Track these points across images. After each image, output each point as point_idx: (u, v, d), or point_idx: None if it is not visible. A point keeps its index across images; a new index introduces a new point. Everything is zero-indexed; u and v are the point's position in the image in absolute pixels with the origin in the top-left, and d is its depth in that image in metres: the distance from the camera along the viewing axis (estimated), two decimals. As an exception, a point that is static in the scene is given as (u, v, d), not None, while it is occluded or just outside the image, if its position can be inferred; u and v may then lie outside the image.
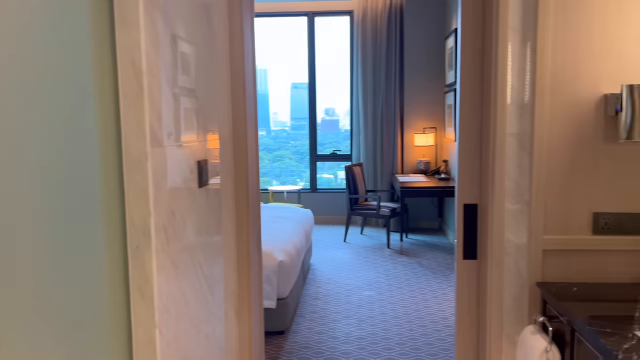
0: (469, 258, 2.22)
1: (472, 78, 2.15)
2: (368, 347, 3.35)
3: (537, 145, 1.96)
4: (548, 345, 1.75)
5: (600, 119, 1.95)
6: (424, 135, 7.10)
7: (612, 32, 1.90)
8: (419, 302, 4.21)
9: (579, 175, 1.99)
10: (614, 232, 1.98)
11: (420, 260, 5.52)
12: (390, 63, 7.10)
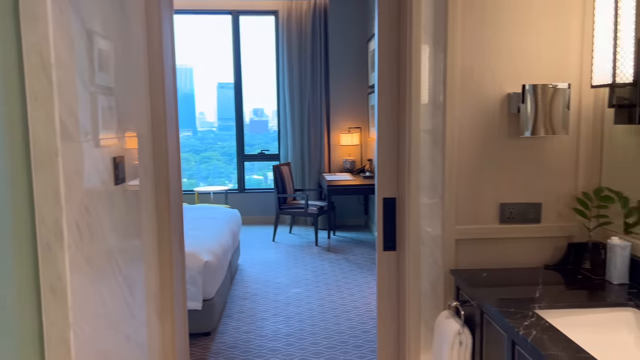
0: (389, 249, 2.32)
1: (389, 78, 2.25)
2: (296, 343, 3.39)
3: (448, 141, 2.08)
4: (461, 328, 1.87)
5: (504, 116, 2.11)
6: (349, 135, 7.26)
7: (514, 36, 2.06)
8: (345, 297, 4.31)
9: (486, 169, 2.13)
10: (518, 221, 2.14)
11: (347, 256, 5.65)
12: (316, 64, 7.20)
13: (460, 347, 1.86)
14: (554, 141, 2.12)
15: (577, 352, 1.32)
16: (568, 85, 2.03)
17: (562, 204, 2.14)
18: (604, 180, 2.11)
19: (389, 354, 2.34)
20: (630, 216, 1.95)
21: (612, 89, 1.89)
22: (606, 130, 2.08)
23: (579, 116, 2.10)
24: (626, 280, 1.86)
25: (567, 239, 2.14)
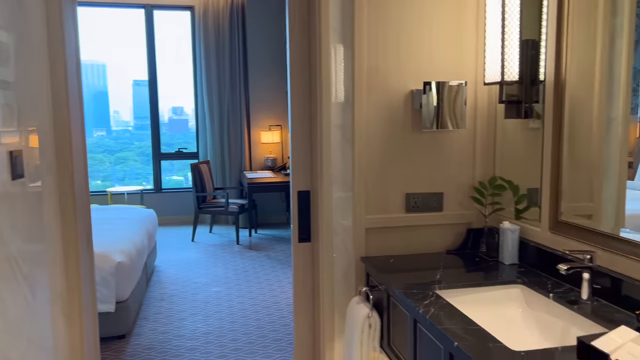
0: (303, 241, 2.38)
1: (300, 76, 2.30)
2: (215, 341, 3.37)
3: (357, 136, 2.18)
4: (370, 312, 1.96)
5: (408, 111, 2.24)
6: (270, 132, 7.28)
7: (416, 35, 2.19)
8: (265, 293, 4.33)
9: (393, 162, 2.25)
10: (422, 210, 2.28)
11: (268, 254, 5.67)
12: (234, 61, 7.14)
13: (369, 330, 1.96)
14: (454, 135, 2.27)
15: (469, 324, 1.44)
16: (465, 82, 2.19)
17: (462, 193, 2.30)
18: (497, 171, 2.29)
19: (305, 342, 2.41)
20: (520, 203, 2.14)
21: (501, 86, 2.06)
22: (499, 124, 2.27)
23: (475, 111, 2.27)
24: (516, 260, 2.04)
25: (466, 226, 2.30)
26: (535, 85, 2.00)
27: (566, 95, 1.86)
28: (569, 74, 1.84)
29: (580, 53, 1.82)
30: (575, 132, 1.85)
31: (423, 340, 1.59)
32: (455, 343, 1.32)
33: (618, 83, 1.75)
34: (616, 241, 1.61)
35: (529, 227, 2.03)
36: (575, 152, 1.85)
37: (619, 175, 1.75)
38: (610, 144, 1.76)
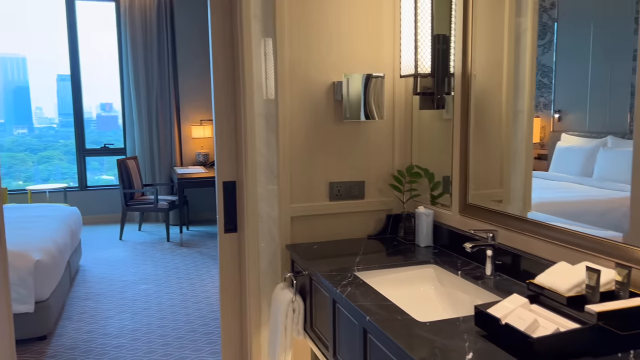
0: (230, 231, 2.40)
1: (223, 64, 2.31)
2: (142, 338, 3.31)
3: (281, 125, 2.22)
4: (293, 297, 2.02)
5: (330, 102, 2.30)
6: (201, 127, 7.17)
7: (334, 29, 2.26)
8: (197, 289, 4.29)
9: (317, 151, 2.31)
10: (345, 197, 2.36)
11: (200, 250, 5.60)
12: (163, 54, 6.97)
13: (293, 315, 2.01)
14: (374, 125, 2.37)
15: (382, 301, 1.52)
16: (383, 75, 2.29)
17: (382, 181, 2.41)
18: (415, 159, 2.41)
19: (232, 331, 2.43)
20: (435, 189, 2.27)
21: (415, 79, 2.17)
22: (415, 115, 2.39)
23: (394, 103, 2.38)
24: (431, 243, 2.16)
25: (386, 212, 2.41)
26: (447, 78, 2.12)
27: (476, 88, 1.99)
28: (480, 69, 1.97)
29: (488, 49, 1.95)
30: (486, 123, 1.98)
31: (341, 319, 1.66)
32: (367, 317, 1.40)
33: (523, 78, 1.89)
34: (518, 221, 1.75)
35: (442, 212, 2.16)
36: (486, 141, 1.99)
37: (526, 164, 1.90)
38: (518, 134, 1.90)
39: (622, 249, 1.32)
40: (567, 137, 1.86)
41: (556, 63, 1.81)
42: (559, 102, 1.85)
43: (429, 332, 1.29)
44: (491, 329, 1.24)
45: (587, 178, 1.77)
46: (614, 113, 1.57)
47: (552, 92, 1.88)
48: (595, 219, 1.52)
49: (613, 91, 1.56)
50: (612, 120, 1.60)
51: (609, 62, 1.57)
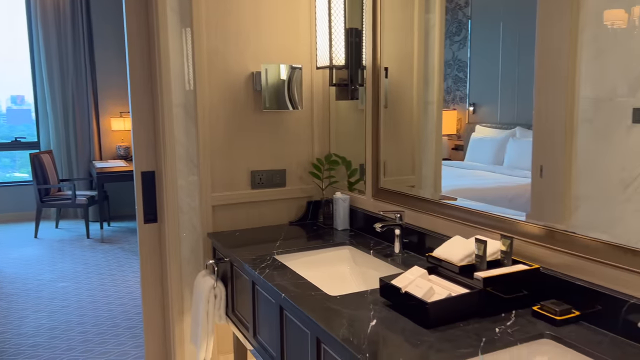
0: (150, 222, 2.39)
1: (139, 54, 2.29)
2: (61, 335, 3.20)
3: (200, 114, 2.24)
4: (215, 283, 2.06)
5: (250, 92, 2.35)
6: (121, 119, 6.92)
7: (252, 21, 2.30)
8: (119, 285, 4.19)
9: (238, 140, 2.35)
10: (267, 185, 2.42)
11: (122, 246, 5.44)
12: (78, 44, 6.64)
13: (215, 300, 2.05)
14: (293, 115, 2.44)
15: (298, 280, 1.61)
16: (301, 66, 2.36)
17: (302, 169, 2.49)
18: (332, 148, 2.52)
19: (154, 320, 2.42)
20: (352, 176, 2.38)
21: (331, 70, 2.27)
22: (332, 105, 2.49)
23: (312, 93, 2.46)
24: (347, 226, 2.28)
25: (307, 199, 2.50)
26: (361, 70, 2.23)
27: (390, 80, 2.10)
28: (392, 62, 2.08)
29: (400, 43, 2.07)
30: (399, 113, 2.11)
31: (260, 299, 1.72)
32: (283, 295, 1.47)
33: (433, 71, 2.03)
34: (424, 202, 1.89)
35: (357, 197, 2.27)
36: (399, 131, 2.11)
37: (436, 152, 2.04)
38: (428, 125, 2.03)
39: (513, 223, 1.48)
40: (480, 129, 2.01)
41: (470, 59, 1.93)
42: (474, 96, 1.99)
43: (339, 305, 1.38)
44: (394, 298, 1.36)
45: (498, 166, 1.92)
46: (522, 106, 1.70)
47: (467, 86, 2.01)
48: (505, 203, 1.65)
49: (520, 86, 1.68)
50: (520, 112, 1.74)
51: (516, 59, 1.70)
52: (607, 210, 1.23)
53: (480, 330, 1.20)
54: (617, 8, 1.20)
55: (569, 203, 1.33)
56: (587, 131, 1.29)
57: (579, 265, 1.27)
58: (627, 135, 1.19)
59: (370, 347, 1.13)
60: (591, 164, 1.27)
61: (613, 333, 1.17)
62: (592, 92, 1.27)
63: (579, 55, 1.29)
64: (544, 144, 1.41)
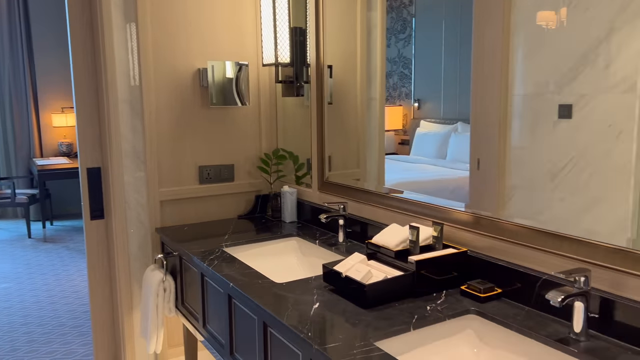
0: (96, 218, 2.38)
1: (83, 49, 2.28)
2: (4, 337, 3.11)
3: (146, 110, 2.25)
4: (164, 277, 2.09)
5: (196, 88, 2.38)
6: (63, 115, 6.70)
7: (198, 18, 2.33)
8: (64, 284, 4.09)
9: (185, 136, 2.38)
10: (215, 180, 2.46)
11: (67, 245, 5.30)
12: (15, 37, 6.37)
13: (164, 294, 2.09)
14: (240, 111, 2.49)
15: (246, 270, 1.67)
16: (247, 63, 2.42)
17: (250, 164, 2.55)
18: (280, 143, 2.59)
19: (103, 317, 2.42)
20: (300, 170, 2.46)
21: (277, 68, 2.34)
22: (279, 102, 2.56)
23: (259, 90, 2.52)
24: (295, 218, 2.36)
25: (255, 193, 2.56)
26: (306, 67, 2.31)
27: (335, 77, 2.18)
28: (335, 59, 2.16)
29: (343, 41, 2.14)
30: (343, 109, 2.19)
31: (209, 290, 1.78)
32: (231, 284, 1.53)
33: (375, 68, 2.11)
34: (367, 194, 1.99)
35: (304, 190, 2.36)
36: (344, 126, 2.19)
37: (379, 146, 2.13)
38: (371, 121, 2.12)
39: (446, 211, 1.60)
40: (425, 124, 2.10)
41: (415, 56, 2.02)
42: (418, 92, 2.08)
43: (285, 291, 1.46)
44: (336, 283, 1.45)
45: (441, 160, 2.00)
46: (463, 102, 1.76)
47: (412, 82, 2.09)
48: (447, 195, 1.74)
49: (461, 83, 1.75)
50: (461, 108, 1.81)
51: (457, 57, 1.77)
52: (537, 199, 1.34)
53: (413, 308, 1.31)
54: (547, 10, 1.30)
55: (503, 193, 1.44)
56: (518, 126, 1.39)
57: (501, 248, 1.40)
58: (554, 129, 1.29)
59: (313, 327, 1.21)
60: (523, 157, 1.38)
61: (529, 307, 1.31)
62: (523, 89, 1.37)
63: (511, 54, 1.38)
64: (480, 138, 1.50)
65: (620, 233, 1.15)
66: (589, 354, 1.07)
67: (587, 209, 1.22)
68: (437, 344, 1.25)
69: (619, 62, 1.15)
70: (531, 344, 1.18)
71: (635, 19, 1.11)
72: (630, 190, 1.14)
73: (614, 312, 1.12)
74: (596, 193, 1.20)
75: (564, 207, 1.27)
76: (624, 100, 1.15)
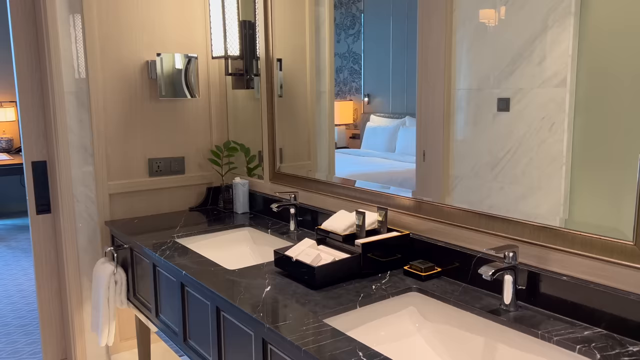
0: (43, 212, 2.33)
1: (26, 41, 2.22)
2: (-57, 340, 2.99)
3: (94, 102, 2.23)
4: (115, 269, 2.08)
5: (145, 80, 2.37)
6: (2, 110, 6.41)
7: (146, 10, 2.32)
8: (7, 284, 3.95)
9: (134, 129, 2.37)
10: (165, 173, 2.46)
11: (9, 244, 5.10)
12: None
13: (115, 286, 2.08)
14: (190, 103, 2.50)
15: (198, 259, 1.70)
16: (196, 55, 2.42)
17: (201, 156, 2.56)
18: (231, 135, 2.61)
19: (51, 313, 2.38)
20: (251, 162, 2.49)
21: (226, 60, 2.36)
22: (230, 94, 2.58)
23: (208, 82, 2.53)
24: (247, 209, 2.39)
25: (206, 185, 2.58)
26: (255, 60, 2.35)
27: (285, 71, 2.22)
28: (285, 53, 2.20)
29: (293, 35, 2.18)
30: (294, 102, 2.23)
31: (161, 280, 1.80)
32: (184, 272, 1.56)
33: (324, 61, 2.16)
34: (317, 183, 2.05)
35: (256, 181, 2.40)
36: (295, 119, 2.23)
37: (329, 138, 2.18)
38: (321, 113, 2.17)
39: (391, 197, 1.68)
40: (375, 118, 2.15)
41: (364, 51, 2.07)
42: (368, 87, 2.12)
43: (237, 276, 1.51)
44: (287, 267, 1.51)
45: (391, 153, 2.05)
46: (410, 97, 1.79)
47: (361, 77, 2.14)
48: (396, 186, 1.78)
49: (409, 78, 1.79)
50: (409, 103, 1.84)
51: (404, 53, 1.81)
52: (479, 188, 1.42)
53: (359, 288, 1.39)
54: (488, 7, 1.37)
55: (448, 183, 1.53)
56: (461, 119, 1.47)
57: (441, 230, 1.50)
58: (493, 122, 1.37)
59: (265, 308, 1.26)
60: (465, 148, 1.46)
61: (465, 283, 1.41)
62: (465, 84, 1.45)
63: (454, 50, 1.45)
64: (426, 131, 1.58)
65: (554, 217, 1.26)
66: (517, 322, 1.17)
67: (525, 197, 1.31)
68: (382, 320, 1.33)
69: (551, 58, 1.24)
70: (467, 316, 1.28)
71: (565, 18, 1.21)
72: (562, 179, 1.25)
73: (540, 284, 1.23)
74: (532, 182, 1.29)
75: (503, 196, 1.36)
76: (556, 93, 1.24)
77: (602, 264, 1.13)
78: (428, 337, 1.33)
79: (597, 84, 1.15)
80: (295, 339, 1.09)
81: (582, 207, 1.20)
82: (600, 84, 1.15)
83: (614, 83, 1.12)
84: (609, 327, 1.11)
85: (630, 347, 1.04)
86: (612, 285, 1.11)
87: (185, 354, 1.65)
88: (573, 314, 1.17)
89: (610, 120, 1.13)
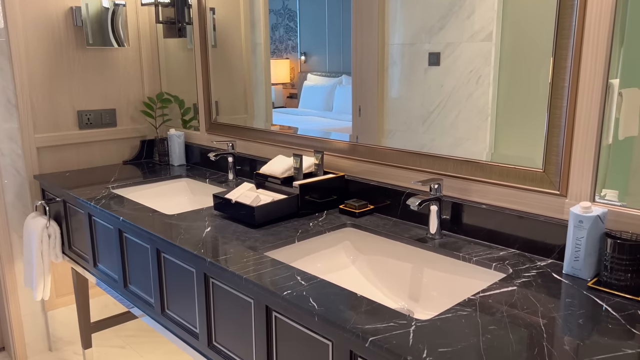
0: (-37, 168, 2.21)
1: None
2: None
3: (15, 52, 2.10)
4: (47, 223, 2.03)
5: (70, 28, 2.26)
6: None
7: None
8: None
9: (60, 79, 2.26)
10: (96, 126, 2.39)
11: None
12: None
13: (49, 240, 2.03)
14: (120, 52, 2.41)
15: (136, 206, 1.69)
16: (124, 2, 2.33)
17: (133, 108, 2.50)
18: (164, 86, 2.56)
19: (-21, 273, 2.29)
20: (186, 114, 2.46)
21: (157, 7, 2.29)
22: (161, 44, 2.51)
23: (138, 31, 2.45)
24: (184, 161, 2.38)
25: (140, 138, 2.52)
26: (187, 8, 2.29)
27: (218, 20, 2.17)
28: (218, 2, 2.15)
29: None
30: (228, 54, 2.20)
31: (98, 229, 1.78)
32: (121, 218, 1.56)
33: (259, 12, 2.14)
34: (254, 132, 2.07)
35: (192, 133, 2.38)
36: (230, 71, 2.20)
37: (265, 90, 2.18)
38: (257, 65, 2.15)
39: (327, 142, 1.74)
40: (312, 77, 2.14)
41: (300, 9, 2.05)
42: (304, 45, 2.11)
43: (177, 220, 1.52)
44: (226, 210, 1.54)
45: (328, 112, 2.06)
46: (346, 55, 1.81)
47: (297, 35, 2.13)
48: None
49: (344, 36, 1.79)
50: (345, 61, 1.84)
51: (340, 10, 1.80)
52: (412, 141, 1.49)
53: (298, 226, 1.45)
54: None
55: (382, 136, 1.59)
56: (394, 74, 1.51)
57: (374, 170, 1.58)
58: (425, 76, 1.42)
59: (206, 246, 1.30)
60: (399, 102, 1.51)
61: (396, 218, 1.51)
62: (398, 39, 1.49)
63: (387, 5, 1.48)
64: (361, 87, 1.61)
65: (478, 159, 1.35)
66: (441, 248, 1.28)
67: (454, 148, 1.39)
68: (319, 253, 1.40)
69: (479, 13, 1.29)
70: (397, 246, 1.37)
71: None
72: (488, 130, 1.34)
73: (462, 214, 1.35)
74: (461, 133, 1.38)
75: (435, 147, 1.43)
76: (482, 47, 1.31)
77: (517, 191, 1.25)
78: (362, 267, 1.42)
79: (519, 39, 1.24)
80: (237, 269, 1.14)
81: (504, 150, 1.31)
82: (521, 39, 1.23)
83: (533, 37, 1.21)
84: (521, 248, 1.24)
85: (538, 262, 1.17)
86: (525, 210, 1.23)
87: (126, 299, 1.67)
88: (491, 238, 1.29)
89: (531, 73, 1.23)
